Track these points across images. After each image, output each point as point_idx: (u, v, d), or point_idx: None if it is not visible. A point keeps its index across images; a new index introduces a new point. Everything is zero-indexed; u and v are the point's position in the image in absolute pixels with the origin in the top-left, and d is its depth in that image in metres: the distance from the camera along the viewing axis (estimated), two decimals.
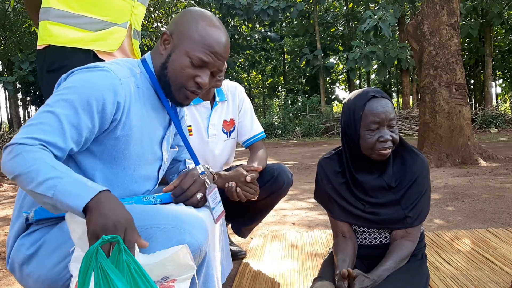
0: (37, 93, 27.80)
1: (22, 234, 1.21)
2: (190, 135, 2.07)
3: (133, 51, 2.06)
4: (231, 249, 2.34)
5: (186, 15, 1.32)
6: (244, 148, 2.33)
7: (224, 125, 2.19)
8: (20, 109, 24.55)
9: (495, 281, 1.77)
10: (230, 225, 2.32)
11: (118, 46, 1.96)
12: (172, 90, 1.28)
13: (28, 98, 28.35)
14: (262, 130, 2.27)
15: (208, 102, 2.13)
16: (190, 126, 2.08)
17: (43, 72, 1.93)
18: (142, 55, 1.86)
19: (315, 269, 2.04)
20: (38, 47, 1.96)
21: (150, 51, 1.38)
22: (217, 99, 2.15)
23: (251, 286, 1.92)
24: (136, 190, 1.32)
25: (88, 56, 1.90)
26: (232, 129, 2.23)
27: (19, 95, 24.57)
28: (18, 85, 21.02)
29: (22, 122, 22.32)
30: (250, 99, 2.34)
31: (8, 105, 25.57)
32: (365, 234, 1.66)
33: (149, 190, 1.38)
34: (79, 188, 0.98)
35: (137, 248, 0.97)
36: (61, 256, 1.15)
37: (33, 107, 31.27)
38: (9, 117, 25.21)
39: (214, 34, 1.27)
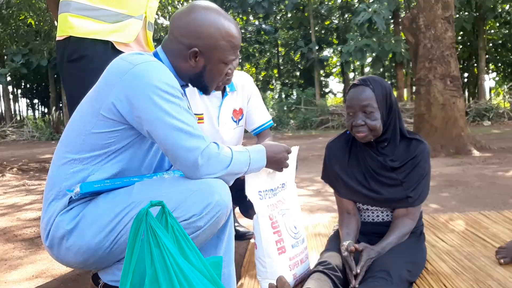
0: (28, 86, 27.63)
1: (60, 212, 1.31)
2: (201, 123, 2.18)
3: (147, 42, 2.17)
4: (239, 230, 2.48)
5: (205, 22, 1.35)
6: (251, 135, 2.46)
7: (233, 113, 2.31)
8: (11, 102, 24.45)
9: (486, 256, 1.91)
10: (238, 207, 2.45)
11: (135, 37, 2.07)
12: (208, 87, 1.47)
13: (19, 91, 28.19)
14: (270, 118, 2.39)
15: (219, 92, 2.24)
16: (202, 114, 2.19)
17: (64, 61, 2.03)
18: None
19: (319, 247, 2.17)
20: (58, 38, 2.06)
21: (161, 46, 1.44)
22: (228, 89, 2.26)
23: None
24: (160, 167, 1.50)
25: (107, 47, 2.00)
26: (240, 118, 2.34)
27: (10, 88, 24.45)
28: (8, 78, 20.90)
29: (13, 115, 22.22)
30: None
31: None
32: (368, 212, 1.80)
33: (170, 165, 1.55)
34: (258, 154, 1.45)
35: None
36: (100, 227, 1.26)
37: (23, 100, 31.11)
38: (0, 110, 25.08)
39: (232, 30, 1.38)
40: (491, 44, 22.78)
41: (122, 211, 1.26)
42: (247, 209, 2.40)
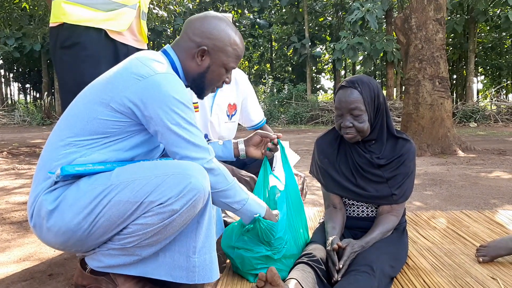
0: (20, 70, 27.25)
1: (45, 191, 1.35)
2: (196, 111, 2.20)
3: (140, 31, 2.18)
4: (226, 220, 2.51)
5: (217, 27, 1.49)
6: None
7: (228, 107, 2.33)
8: (2, 86, 24.12)
9: (466, 254, 1.97)
10: None
11: (128, 26, 2.08)
12: (205, 90, 1.58)
13: (11, 75, 27.80)
14: (264, 117, 2.51)
15: None
16: (197, 103, 2.21)
17: (56, 48, 2.03)
18: None
19: None
20: (51, 24, 2.06)
21: (170, 45, 1.55)
22: None
23: None
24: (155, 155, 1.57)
25: (100, 35, 2.01)
26: (233, 113, 2.36)
27: (2, 72, 24.12)
28: (1, 62, 20.64)
29: (4, 99, 21.93)
30: None
31: None
32: (353, 207, 1.84)
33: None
34: (257, 207, 1.55)
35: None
36: (78, 209, 1.30)
37: (15, 84, 30.69)
38: None
39: (239, 42, 1.54)
40: (480, 47, 23.01)
41: (101, 193, 1.30)
42: None
